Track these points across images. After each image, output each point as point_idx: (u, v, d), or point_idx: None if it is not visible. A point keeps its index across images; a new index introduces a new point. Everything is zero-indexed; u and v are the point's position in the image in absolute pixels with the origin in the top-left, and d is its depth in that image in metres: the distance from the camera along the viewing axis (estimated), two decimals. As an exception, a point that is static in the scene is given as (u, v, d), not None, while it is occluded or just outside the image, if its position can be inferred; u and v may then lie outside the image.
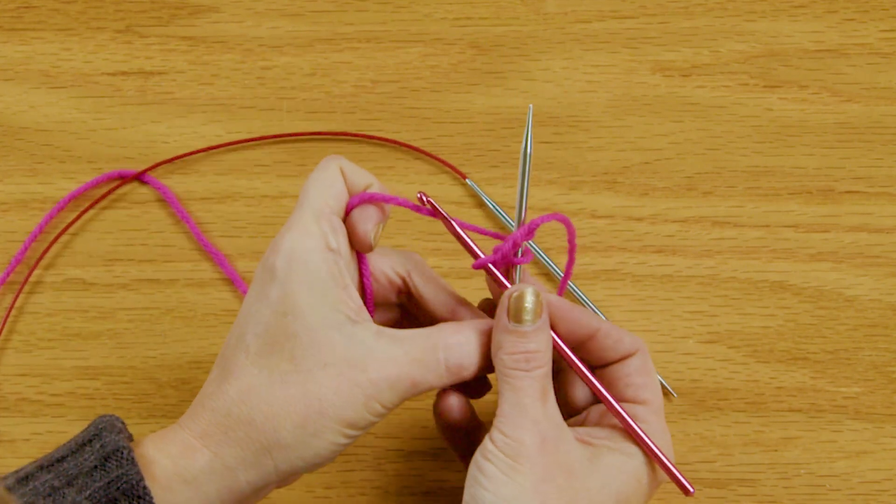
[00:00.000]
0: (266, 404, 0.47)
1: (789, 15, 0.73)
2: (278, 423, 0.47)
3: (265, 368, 0.47)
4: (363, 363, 0.47)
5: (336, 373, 0.47)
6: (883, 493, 0.63)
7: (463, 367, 0.50)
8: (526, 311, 0.49)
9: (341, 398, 0.47)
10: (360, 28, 0.73)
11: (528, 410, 0.48)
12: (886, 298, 0.67)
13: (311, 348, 0.47)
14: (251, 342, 0.48)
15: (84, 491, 0.46)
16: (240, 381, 0.48)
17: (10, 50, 0.72)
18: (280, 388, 0.47)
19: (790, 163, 0.69)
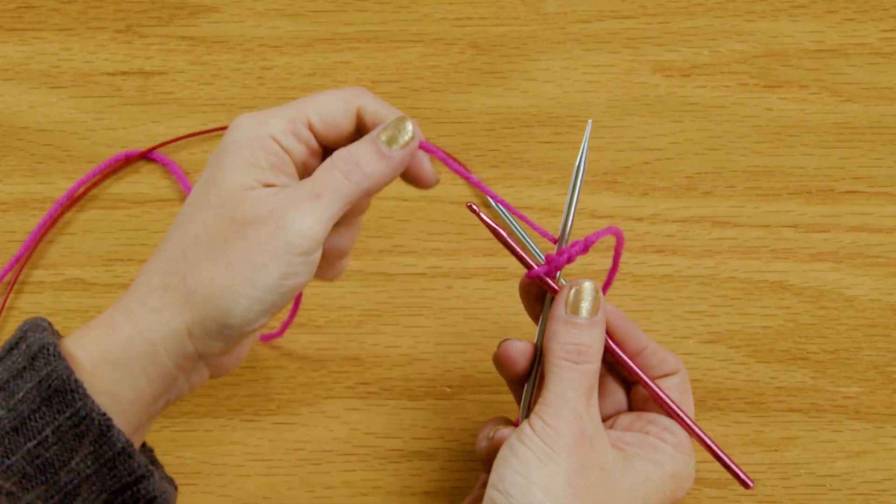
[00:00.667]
0: (179, 267, 0.47)
1: (789, 15, 0.73)
2: (190, 283, 0.47)
3: (182, 235, 0.48)
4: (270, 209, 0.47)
5: (244, 224, 0.47)
6: (883, 493, 0.63)
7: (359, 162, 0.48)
8: (585, 305, 0.50)
9: (248, 244, 0.46)
10: (360, 28, 0.73)
11: (571, 403, 0.49)
12: (886, 298, 0.67)
13: (220, 209, 0.47)
14: (177, 220, 0.49)
15: (16, 394, 0.46)
16: (159, 256, 0.48)
17: (10, 50, 0.72)
18: (193, 250, 0.47)
19: (790, 163, 0.69)
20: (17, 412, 0.46)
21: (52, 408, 0.45)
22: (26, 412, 0.46)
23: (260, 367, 0.66)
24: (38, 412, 0.46)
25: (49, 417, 0.46)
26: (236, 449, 0.64)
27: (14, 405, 0.46)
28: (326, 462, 0.64)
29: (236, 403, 0.65)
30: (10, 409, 0.46)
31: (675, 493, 0.52)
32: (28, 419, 0.46)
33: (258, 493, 0.63)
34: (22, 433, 0.45)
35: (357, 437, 0.64)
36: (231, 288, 0.46)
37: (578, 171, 0.53)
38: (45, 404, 0.46)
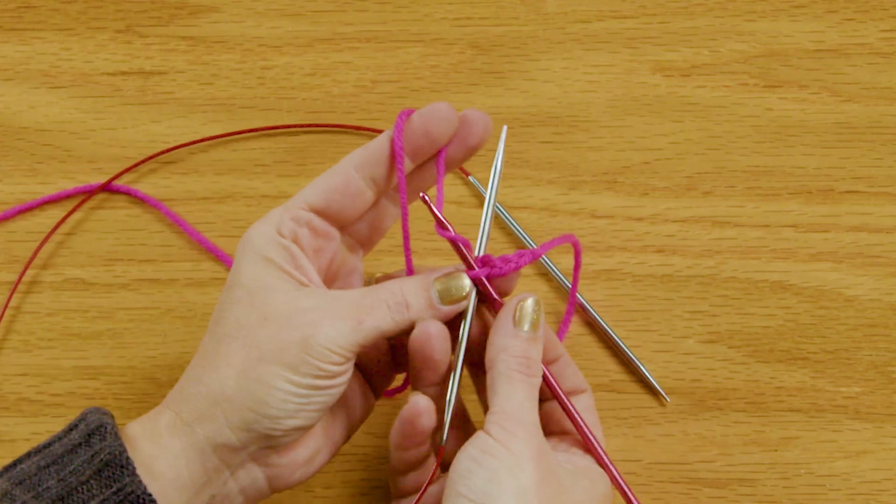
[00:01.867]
0: (212, 360, 0.49)
1: (789, 15, 0.73)
2: (222, 374, 0.48)
3: (214, 335, 0.49)
4: (303, 312, 0.48)
5: (275, 324, 0.48)
6: (883, 493, 0.63)
7: (408, 304, 0.50)
8: (533, 320, 0.51)
9: (278, 343, 0.47)
10: (360, 28, 0.73)
11: (527, 413, 0.49)
12: (886, 298, 0.67)
13: (251, 308, 0.48)
14: (210, 322, 0.50)
15: (69, 466, 0.47)
16: (197, 354, 0.50)
17: (10, 50, 0.72)
18: (224, 345, 0.48)
19: (790, 163, 0.69)
20: (66, 483, 0.46)
21: (100, 481, 0.46)
22: (74, 483, 0.46)
23: (260, 367, 0.66)
24: (86, 484, 0.46)
25: (96, 490, 0.46)
26: (236, 449, 0.64)
27: (64, 476, 0.47)
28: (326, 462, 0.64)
29: (236, 403, 0.65)
30: (61, 479, 0.47)
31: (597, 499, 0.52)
32: (76, 490, 0.46)
33: (258, 493, 0.63)
34: (67, 502, 0.46)
35: (357, 437, 0.64)
36: (264, 379, 0.47)
37: (494, 176, 0.54)
38: (94, 477, 0.46)
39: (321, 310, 0.48)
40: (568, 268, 0.67)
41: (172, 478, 0.48)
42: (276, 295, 0.49)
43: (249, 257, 0.50)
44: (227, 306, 0.49)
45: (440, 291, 0.51)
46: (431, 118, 0.51)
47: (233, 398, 0.48)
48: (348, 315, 0.48)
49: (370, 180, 0.51)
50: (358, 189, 0.51)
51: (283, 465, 0.50)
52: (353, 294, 0.50)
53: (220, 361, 0.48)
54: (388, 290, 0.50)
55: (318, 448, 0.52)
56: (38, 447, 0.49)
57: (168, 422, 0.49)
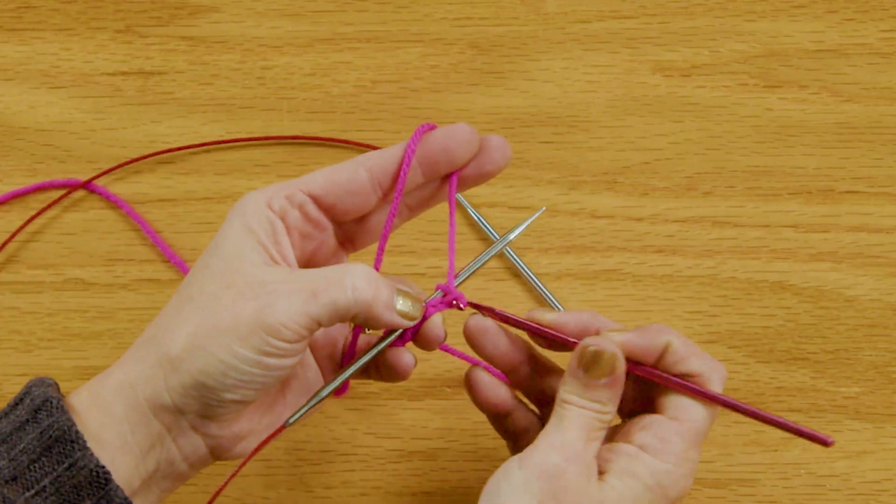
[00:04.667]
0: (169, 322, 0.48)
1: (789, 15, 0.73)
2: (173, 336, 0.47)
3: (179, 297, 0.49)
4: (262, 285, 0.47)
5: (234, 292, 0.47)
6: (883, 493, 0.63)
7: (357, 287, 0.48)
8: (597, 369, 0.49)
9: (232, 314, 0.47)
10: (360, 28, 0.73)
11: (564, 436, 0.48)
12: (886, 298, 0.67)
13: (218, 275, 0.48)
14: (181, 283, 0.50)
15: (18, 444, 0.46)
16: (159, 314, 0.49)
17: (10, 50, 0.72)
18: (185, 309, 0.48)
19: (790, 163, 0.69)
20: (17, 462, 0.46)
21: (51, 458, 0.46)
22: (26, 462, 0.46)
23: (260, 367, 0.66)
24: (37, 462, 0.46)
25: (48, 468, 0.46)
26: (236, 449, 0.64)
27: (15, 455, 0.46)
28: (326, 462, 0.64)
29: (236, 403, 0.65)
30: (11, 459, 0.46)
31: (658, 502, 0.49)
32: (27, 469, 0.46)
33: (258, 493, 0.63)
34: (21, 482, 0.46)
35: (357, 437, 0.64)
36: (210, 348, 0.47)
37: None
38: (44, 454, 0.46)
39: (280, 283, 0.47)
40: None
41: (119, 444, 0.47)
42: (244, 265, 0.48)
43: (233, 223, 0.49)
44: (199, 269, 0.49)
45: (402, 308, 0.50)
46: (454, 137, 0.50)
47: (175, 360, 0.47)
48: (304, 289, 0.47)
49: (377, 184, 0.51)
50: (361, 188, 0.50)
51: (222, 437, 0.50)
52: (316, 271, 0.49)
53: (175, 323, 0.48)
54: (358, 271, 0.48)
55: (257, 425, 0.51)
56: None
57: (114, 384, 0.48)
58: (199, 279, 0.48)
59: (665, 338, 0.50)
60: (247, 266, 0.48)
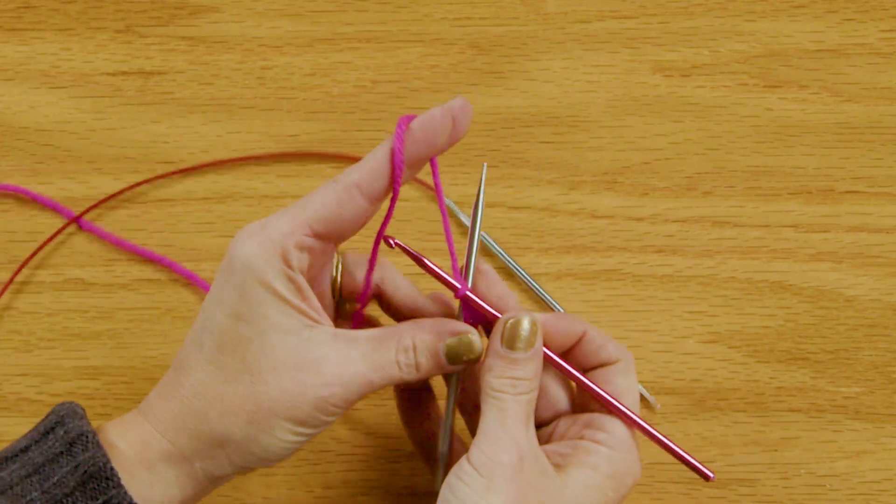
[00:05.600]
0: (218, 401, 0.48)
1: (789, 15, 0.73)
2: (229, 420, 0.48)
3: (218, 366, 0.48)
4: (315, 364, 0.48)
5: (286, 375, 0.47)
6: (883, 493, 0.63)
7: (419, 365, 0.50)
8: (520, 339, 0.50)
9: (290, 398, 0.47)
10: (360, 28, 0.73)
11: (510, 430, 0.49)
12: (886, 298, 0.67)
13: (261, 351, 0.47)
14: (206, 341, 0.48)
15: (52, 477, 0.46)
16: (194, 376, 0.48)
17: (10, 50, 0.72)
18: (232, 386, 0.48)
19: (790, 163, 0.69)
20: (51, 495, 0.46)
21: (85, 493, 0.46)
22: (59, 496, 0.46)
23: (260, 367, 0.66)
24: (70, 496, 0.46)
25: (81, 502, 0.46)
26: (236, 449, 0.64)
27: (48, 488, 0.46)
28: (326, 462, 0.64)
29: (236, 403, 0.65)
30: (45, 491, 0.46)
31: (619, 491, 0.51)
32: (60, 502, 0.46)
33: (258, 493, 0.63)
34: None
35: (357, 437, 0.64)
36: (273, 432, 0.48)
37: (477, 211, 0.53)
38: (78, 489, 0.46)
39: (333, 365, 0.48)
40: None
41: (164, 502, 0.48)
42: (286, 338, 0.48)
43: (249, 284, 0.48)
44: (234, 340, 0.48)
45: (449, 352, 0.50)
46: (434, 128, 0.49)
47: (239, 444, 0.48)
48: (359, 374, 0.48)
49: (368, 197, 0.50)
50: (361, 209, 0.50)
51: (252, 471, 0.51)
52: (364, 346, 0.49)
53: (228, 402, 0.48)
54: (401, 347, 0.49)
55: None
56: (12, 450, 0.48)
57: (164, 452, 0.48)
58: (241, 353, 0.48)
59: (581, 325, 0.53)
60: (289, 339, 0.48)
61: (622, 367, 0.53)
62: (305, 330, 0.48)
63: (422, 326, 0.51)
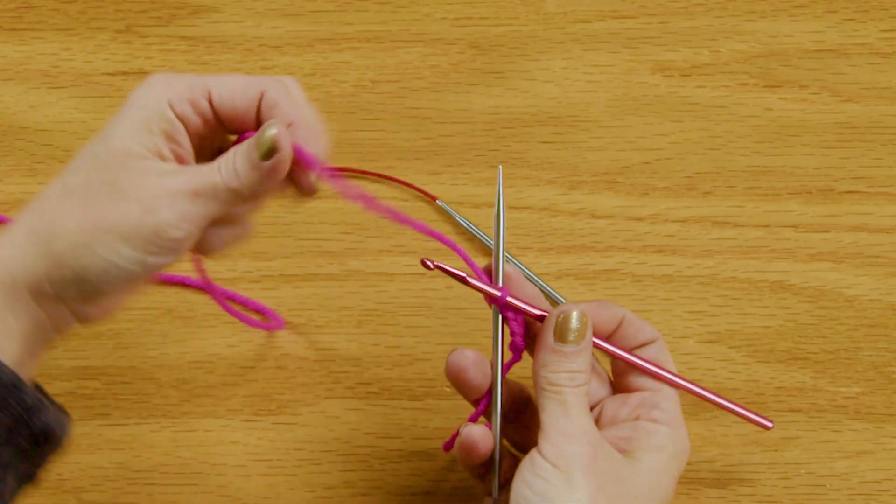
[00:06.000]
0: (52, 215, 0.47)
1: (789, 15, 0.73)
2: (56, 229, 0.47)
3: (64, 185, 0.48)
4: (148, 187, 0.47)
5: (121, 191, 0.47)
6: (883, 493, 0.63)
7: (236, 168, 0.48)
8: (572, 332, 0.51)
9: (121, 213, 0.47)
10: (360, 28, 0.73)
11: (576, 422, 0.49)
12: (886, 298, 0.67)
13: (105, 168, 0.47)
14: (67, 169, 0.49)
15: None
16: (39, 199, 0.48)
17: (10, 50, 0.72)
18: (68, 200, 0.47)
19: (790, 163, 0.69)
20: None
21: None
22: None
23: (260, 367, 0.66)
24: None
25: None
26: (236, 449, 0.64)
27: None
28: (327, 462, 0.64)
29: (236, 403, 0.65)
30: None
31: (681, 468, 0.52)
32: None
33: (258, 493, 0.63)
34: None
35: (357, 437, 0.64)
36: (92, 246, 0.47)
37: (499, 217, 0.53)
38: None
39: (163, 185, 0.47)
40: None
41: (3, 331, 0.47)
42: (133, 162, 0.47)
43: (131, 115, 0.48)
44: (85, 158, 0.48)
45: (259, 152, 0.48)
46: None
47: (58, 255, 0.47)
48: (186, 192, 0.47)
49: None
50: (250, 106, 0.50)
51: (94, 313, 0.50)
52: (192, 169, 0.49)
53: (58, 215, 0.47)
54: (223, 162, 0.49)
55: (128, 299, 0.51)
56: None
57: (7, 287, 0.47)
58: (85, 169, 0.48)
59: (619, 311, 0.54)
60: (135, 163, 0.48)
61: (660, 344, 0.54)
62: (153, 163, 0.48)
63: (240, 144, 0.50)
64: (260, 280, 0.67)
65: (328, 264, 0.68)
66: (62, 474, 0.63)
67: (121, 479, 0.63)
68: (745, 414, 0.55)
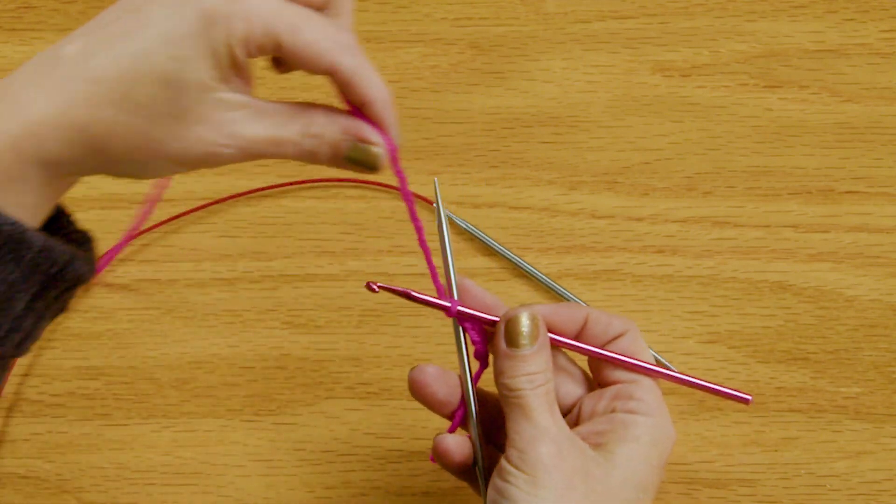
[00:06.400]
0: (109, 123, 0.45)
1: (789, 15, 0.73)
2: (112, 143, 0.45)
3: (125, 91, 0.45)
4: (219, 125, 0.45)
5: (184, 124, 0.45)
6: (883, 493, 0.63)
7: (316, 155, 0.47)
8: (523, 336, 0.50)
9: (182, 146, 0.45)
10: (360, 28, 0.72)
11: (539, 423, 0.49)
12: (886, 298, 0.67)
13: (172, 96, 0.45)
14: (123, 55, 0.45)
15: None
16: (92, 87, 0.46)
17: (10, 50, 0.72)
18: (127, 115, 0.45)
19: (790, 163, 0.69)
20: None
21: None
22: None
23: (260, 367, 0.66)
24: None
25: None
26: (236, 449, 0.64)
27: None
28: (326, 462, 0.64)
29: (236, 403, 0.65)
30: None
31: (661, 457, 0.51)
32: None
33: (258, 493, 0.63)
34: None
35: (357, 437, 0.64)
36: (147, 166, 0.46)
37: (443, 229, 0.54)
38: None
39: (238, 126, 0.45)
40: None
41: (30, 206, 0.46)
42: (205, 95, 0.45)
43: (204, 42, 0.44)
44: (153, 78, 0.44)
45: (351, 154, 0.48)
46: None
47: (115, 162, 0.45)
48: (257, 143, 0.46)
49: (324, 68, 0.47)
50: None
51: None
52: (271, 119, 0.46)
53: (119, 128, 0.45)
54: (307, 131, 0.47)
55: None
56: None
57: (34, 157, 0.45)
58: (154, 89, 0.44)
59: (582, 311, 0.53)
60: (206, 96, 0.45)
61: (630, 335, 0.53)
62: (224, 94, 0.45)
63: (335, 119, 0.48)
64: (260, 280, 0.67)
65: (328, 264, 0.68)
66: (62, 474, 0.63)
67: (121, 479, 0.63)
68: (722, 390, 0.54)
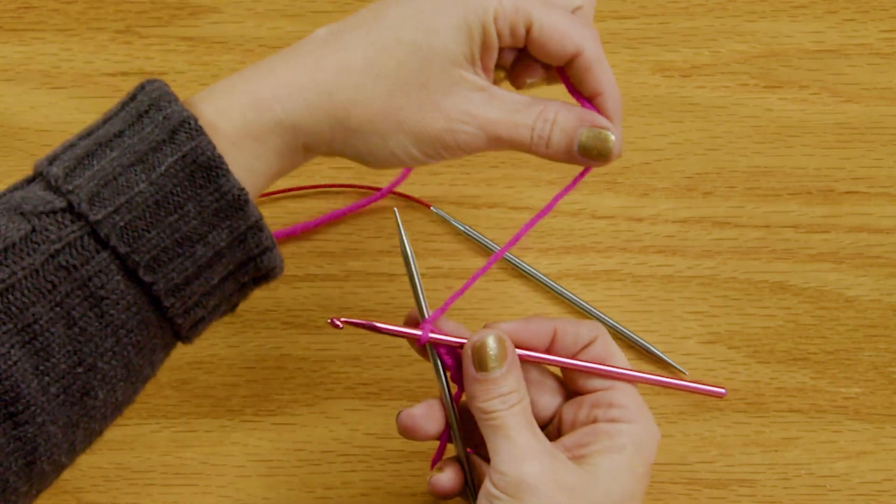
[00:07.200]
0: (353, 88, 0.47)
1: (789, 15, 0.73)
2: (355, 106, 0.47)
3: (369, 62, 0.48)
4: (458, 101, 0.48)
5: (429, 98, 0.48)
6: (883, 493, 0.63)
7: (550, 141, 0.50)
8: (491, 359, 0.50)
9: (421, 118, 0.48)
10: (360, 28, 0.73)
11: (517, 442, 0.49)
12: (886, 299, 0.67)
13: (418, 65, 0.47)
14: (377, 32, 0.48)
15: (157, 167, 0.45)
16: (344, 59, 0.48)
17: (10, 50, 0.72)
18: (373, 82, 0.47)
19: (790, 163, 0.69)
20: (159, 186, 0.45)
21: (194, 183, 0.45)
22: (168, 186, 0.45)
23: (260, 367, 0.66)
24: (179, 187, 0.45)
25: (191, 192, 0.45)
26: (236, 449, 0.64)
27: (156, 179, 0.45)
28: (326, 462, 0.64)
29: (236, 404, 0.65)
30: (152, 182, 0.45)
31: (647, 462, 0.51)
32: (170, 193, 0.45)
33: (258, 493, 0.63)
34: (164, 207, 0.45)
35: (357, 437, 0.64)
36: (386, 139, 0.48)
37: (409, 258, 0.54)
38: (187, 179, 0.45)
39: (474, 107, 0.48)
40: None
41: (264, 172, 0.48)
42: (451, 70, 0.48)
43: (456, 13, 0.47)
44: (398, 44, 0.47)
45: (584, 141, 0.50)
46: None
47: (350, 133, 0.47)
48: (493, 124, 0.48)
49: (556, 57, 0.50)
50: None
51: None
52: (508, 106, 0.49)
53: (360, 90, 0.47)
54: (541, 117, 0.49)
55: None
56: (105, 134, 0.48)
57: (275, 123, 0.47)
58: (401, 57, 0.47)
59: (549, 324, 0.53)
60: (453, 70, 0.48)
61: (601, 341, 0.53)
62: (466, 77, 0.48)
63: (569, 107, 0.50)
64: (260, 280, 0.67)
65: (328, 264, 0.68)
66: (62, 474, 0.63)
67: (121, 479, 0.63)
68: (695, 387, 0.55)
